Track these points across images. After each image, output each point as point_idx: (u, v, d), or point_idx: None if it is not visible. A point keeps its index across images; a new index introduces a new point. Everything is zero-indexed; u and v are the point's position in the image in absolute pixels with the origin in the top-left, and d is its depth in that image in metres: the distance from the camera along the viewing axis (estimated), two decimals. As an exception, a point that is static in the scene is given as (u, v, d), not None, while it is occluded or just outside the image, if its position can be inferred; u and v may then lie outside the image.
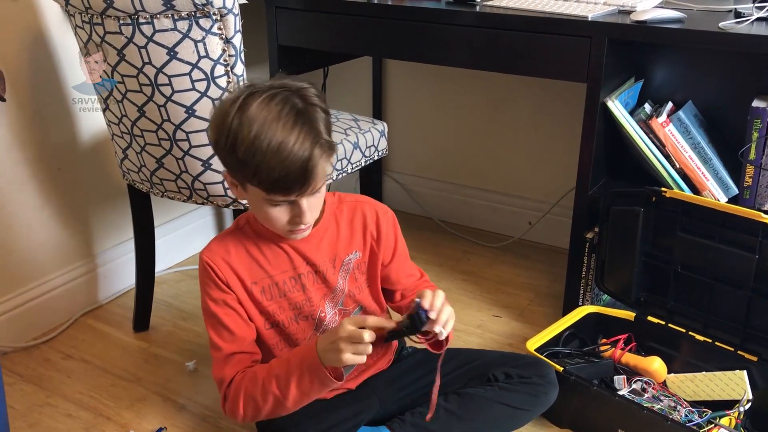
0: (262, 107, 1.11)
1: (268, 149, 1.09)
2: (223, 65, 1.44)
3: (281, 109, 1.11)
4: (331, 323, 1.36)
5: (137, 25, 1.41)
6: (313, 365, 1.18)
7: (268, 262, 1.30)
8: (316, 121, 1.13)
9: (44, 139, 1.80)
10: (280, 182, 1.12)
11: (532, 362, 1.45)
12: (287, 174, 1.11)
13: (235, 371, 1.26)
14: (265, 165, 1.10)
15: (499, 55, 1.71)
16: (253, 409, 1.25)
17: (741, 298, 1.50)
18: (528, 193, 2.34)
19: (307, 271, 1.32)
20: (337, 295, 1.36)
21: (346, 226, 1.35)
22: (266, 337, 1.33)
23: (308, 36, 1.97)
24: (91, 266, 1.98)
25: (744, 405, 1.43)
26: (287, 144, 1.09)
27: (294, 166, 1.10)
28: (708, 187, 1.63)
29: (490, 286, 2.10)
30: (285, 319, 1.33)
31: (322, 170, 1.15)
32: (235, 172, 1.17)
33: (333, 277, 1.34)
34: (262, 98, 1.12)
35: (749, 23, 1.51)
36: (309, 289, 1.33)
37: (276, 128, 1.10)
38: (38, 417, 1.58)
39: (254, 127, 1.09)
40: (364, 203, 1.39)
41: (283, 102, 1.12)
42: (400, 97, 2.47)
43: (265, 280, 1.30)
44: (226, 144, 1.12)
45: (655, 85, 1.81)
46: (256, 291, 1.30)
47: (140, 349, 1.82)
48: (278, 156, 1.09)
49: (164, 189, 1.62)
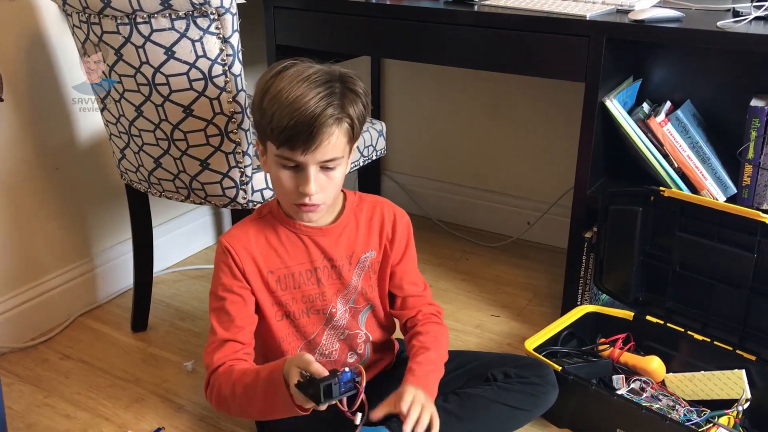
0: (297, 72, 1.19)
1: (285, 101, 1.16)
2: (221, 65, 1.44)
3: (313, 74, 1.18)
4: (341, 319, 1.37)
5: (135, 25, 1.41)
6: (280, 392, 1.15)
7: (287, 253, 1.32)
8: (344, 97, 1.19)
9: (42, 139, 1.80)
10: (287, 131, 1.16)
11: (532, 363, 1.45)
12: (294, 124, 1.15)
13: (222, 359, 1.26)
14: (279, 112, 1.16)
15: (497, 54, 1.71)
16: (225, 407, 1.27)
17: (740, 297, 1.50)
18: (526, 192, 2.34)
19: (323, 265, 1.34)
20: (350, 292, 1.37)
21: (364, 225, 1.37)
22: (276, 329, 1.34)
23: (306, 36, 1.97)
24: (89, 266, 1.98)
25: (743, 404, 1.43)
26: (303, 98, 1.15)
27: (302, 118, 1.15)
28: (706, 187, 1.63)
29: (488, 286, 2.10)
30: (296, 310, 1.34)
31: (331, 134, 1.18)
32: (258, 125, 1.23)
33: (348, 274, 1.35)
34: (303, 66, 1.20)
35: (747, 22, 1.51)
36: (323, 283, 1.34)
37: (300, 87, 1.16)
38: (36, 417, 1.58)
39: (283, 83, 1.17)
40: (383, 204, 1.41)
41: (319, 72, 1.19)
42: (399, 97, 2.47)
43: (281, 270, 1.31)
44: (259, 98, 1.20)
45: (654, 84, 1.81)
46: (272, 280, 1.31)
47: (138, 349, 1.82)
48: (291, 107, 1.15)
49: (162, 189, 1.61)
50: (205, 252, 2.31)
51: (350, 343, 1.41)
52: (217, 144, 1.49)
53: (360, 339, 1.41)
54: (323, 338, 1.38)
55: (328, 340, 1.38)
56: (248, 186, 1.54)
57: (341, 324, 1.38)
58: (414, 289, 1.44)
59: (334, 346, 1.40)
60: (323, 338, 1.38)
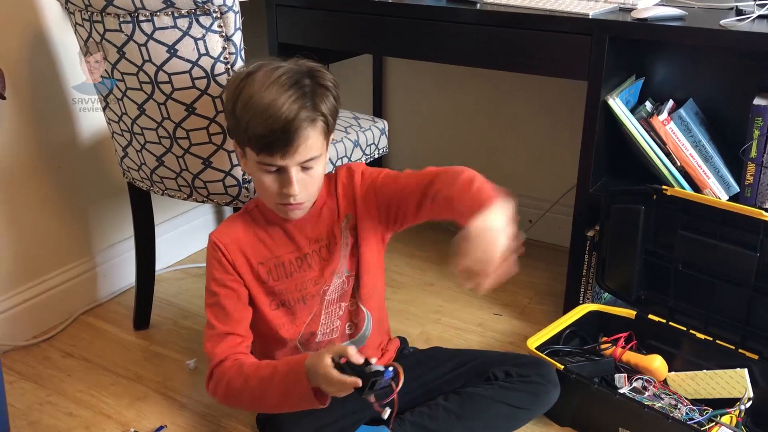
0: (266, 74, 1.20)
1: (258, 107, 1.17)
2: (224, 63, 1.44)
3: (281, 76, 1.20)
4: (334, 292, 1.39)
5: (137, 23, 1.41)
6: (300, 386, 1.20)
7: (274, 243, 1.35)
8: (315, 95, 1.21)
9: (44, 137, 1.80)
10: (265, 138, 1.18)
11: (533, 362, 1.45)
12: (271, 131, 1.17)
13: (225, 354, 1.30)
14: (253, 121, 1.18)
15: (499, 52, 1.70)
16: (234, 400, 1.30)
17: (742, 296, 1.50)
18: (529, 191, 2.34)
19: (312, 249, 1.37)
20: (342, 263, 1.39)
21: (333, 197, 1.39)
22: (271, 318, 1.37)
23: (308, 34, 1.97)
24: (91, 264, 1.98)
25: (745, 403, 1.43)
26: (275, 103, 1.17)
27: (277, 125, 1.17)
28: (709, 185, 1.62)
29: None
30: (291, 299, 1.37)
31: (307, 136, 1.20)
32: (234, 132, 1.26)
33: (336, 248, 1.38)
34: (269, 68, 1.22)
35: (750, 21, 1.51)
36: (315, 268, 1.37)
37: (271, 91, 1.18)
38: (38, 415, 1.58)
39: (253, 88, 1.19)
40: (337, 171, 1.42)
41: (287, 73, 1.21)
42: (401, 95, 2.46)
43: (270, 260, 1.35)
44: (232, 98, 1.22)
45: (656, 82, 1.81)
46: (263, 271, 1.34)
47: (140, 347, 1.82)
48: (265, 113, 1.17)
49: (164, 187, 1.61)
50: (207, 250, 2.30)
51: (348, 314, 1.42)
52: (219, 142, 1.49)
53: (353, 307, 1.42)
54: (322, 318, 1.40)
55: (327, 319, 1.41)
56: (250, 184, 1.54)
57: (334, 298, 1.40)
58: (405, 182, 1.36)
59: (335, 323, 1.41)
60: (322, 318, 1.40)
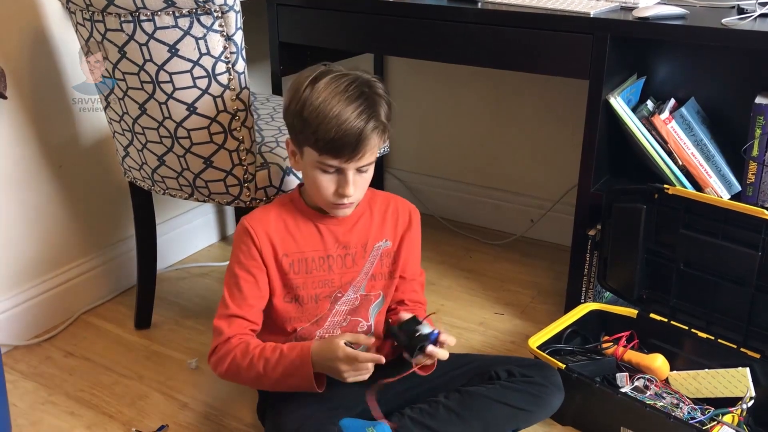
0: (331, 82, 1.26)
1: (330, 113, 1.24)
2: (225, 62, 1.44)
3: (348, 85, 1.26)
4: (345, 305, 1.41)
5: (138, 23, 1.41)
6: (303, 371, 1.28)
7: (303, 239, 1.38)
8: (377, 104, 1.28)
9: (45, 136, 1.80)
10: (334, 143, 1.24)
11: (537, 364, 1.45)
12: (342, 136, 1.24)
13: (233, 332, 1.34)
14: (324, 125, 1.24)
15: (501, 52, 1.70)
16: (234, 376, 1.35)
17: (744, 295, 1.49)
18: (530, 190, 2.34)
19: (337, 254, 1.40)
20: (361, 279, 1.42)
21: (379, 216, 1.44)
22: (282, 310, 1.39)
23: (309, 33, 1.97)
24: (92, 264, 1.98)
25: (747, 402, 1.43)
26: (347, 112, 1.24)
27: (349, 131, 1.24)
28: (711, 184, 1.62)
29: (492, 284, 2.10)
30: (305, 295, 1.39)
31: (373, 144, 1.27)
32: (298, 132, 1.30)
33: (361, 261, 1.41)
34: (333, 75, 1.27)
35: (752, 19, 1.51)
36: (334, 271, 1.40)
37: (340, 99, 1.25)
38: (40, 415, 1.58)
39: (322, 95, 1.25)
40: (398, 198, 1.50)
41: (351, 82, 1.27)
42: (402, 95, 2.46)
43: (295, 254, 1.37)
44: (296, 106, 1.27)
45: (658, 81, 1.81)
46: (285, 263, 1.37)
47: (142, 346, 1.82)
48: (337, 119, 1.23)
49: (166, 186, 1.61)
50: (208, 249, 2.31)
51: (352, 331, 1.43)
52: (220, 142, 1.49)
53: (361, 329, 1.44)
54: (326, 323, 1.42)
55: (330, 326, 1.42)
56: (251, 184, 1.54)
57: (344, 310, 1.42)
58: (411, 274, 1.52)
59: (336, 332, 1.43)
60: (326, 323, 1.42)
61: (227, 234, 2.39)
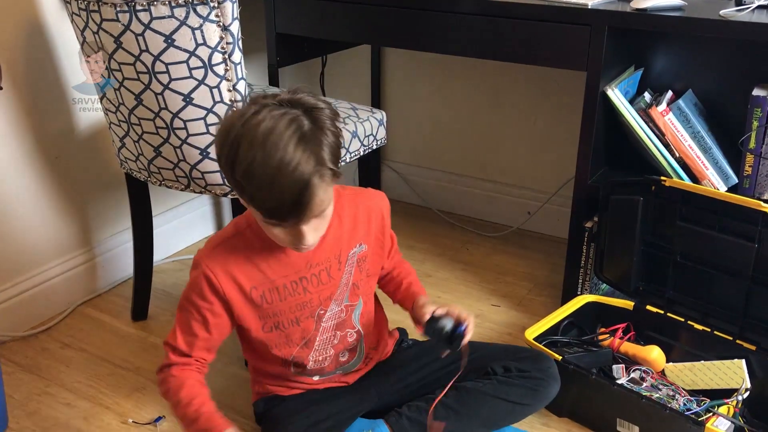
0: (265, 128, 1.06)
1: (263, 178, 1.05)
2: (221, 53, 1.43)
3: (284, 132, 1.05)
4: (331, 320, 1.34)
5: (134, 12, 1.40)
6: None
7: (269, 267, 1.27)
8: (320, 148, 1.08)
9: (42, 127, 1.79)
10: (274, 212, 1.10)
11: (533, 356, 1.44)
12: (280, 206, 1.08)
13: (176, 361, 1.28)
14: (259, 194, 1.08)
15: (498, 43, 1.70)
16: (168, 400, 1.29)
17: (740, 287, 1.50)
18: (527, 182, 2.34)
19: (311, 273, 1.29)
20: (342, 291, 1.34)
21: (349, 221, 1.32)
22: (265, 339, 1.32)
23: (306, 24, 1.96)
24: (89, 255, 1.98)
25: (742, 394, 1.43)
26: (282, 176, 1.05)
27: (286, 200, 1.07)
28: (707, 176, 1.62)
29: (489, 276, 2.10)
30: (285, 320, 1.30)
31: (320, 200, 1.10)
32: (234, 190, 1.14)
33: (338, 274, 1.32)
34: (268, 117, 1.07)
35: (750, 11, 1.50)
36: (311, 291, 1.30)
37: (274, 155, 1.04)
38: (37, 406, 1.58)
39: (254, 150, 1.05)
40: (364, 192, 1.38)
41: (289, 124, 1.07)
42: (399, 86, 2.46)
43: (264, 284, 1.27)
44: (227, 162, 1.10)
45: (655, 73, 1.80)
46: (255, 295, 1.27)
47: (139, 338, 1.82)
48: (272, 187, 1.06)
49: (162, 178, 1.61)
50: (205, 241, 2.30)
51: (343, 343, 1.38)
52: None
53: (351, 338, 1.39)
54: (316, 344, 1.35)
55: (321, 346, 1.36)
56: (248, 175, 1.53)
57: (331, 325, 1.35)
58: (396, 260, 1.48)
59: (329, 352, 1.37)
60: (316, 344, 1.35)
61: (223, 225, 2.38)
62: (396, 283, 1.48)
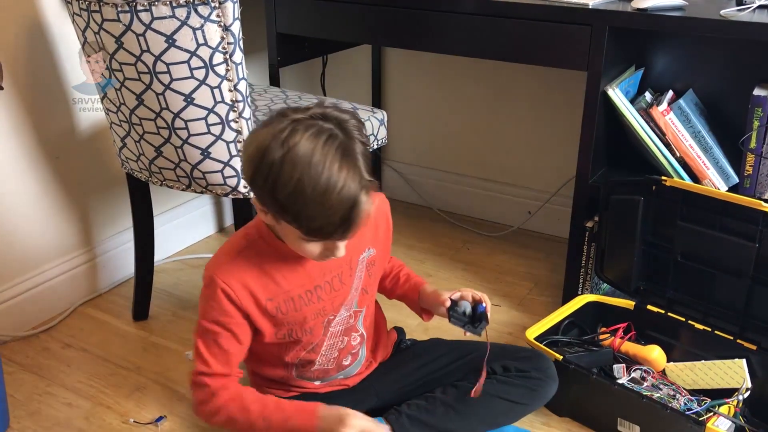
0: (307, 149, 1.04)
1: (312, 198, 1.04)
2: (222, 53, 1.43)
3: (327, 151, 1.04)
4: (339, 325, 1.34)
5: (135, 13, 1.40)
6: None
7: (284, 278, 1.25)
8: (359, 162, 1.07)
9: (42, 127, 1.79)
10: (319, 231, 1.09)
11: (532, 356, 1.45)
12: (327, 224, 1.07)
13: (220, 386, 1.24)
14: (305, 214, 1.06)
15: (499, 43, 1.70)
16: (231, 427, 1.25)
17: (741, 286, 1.50)
18: (528, 182, 2.34)
19: (324, 281, 1.29)
20: (352, 296, 1.34)
21: None
22: (276, 346, 1.31)
23: (307, 24, 1.96)
24: (90, 255, 1.98)
25: (743, 393, 1.43)
26: (330, 196, 1.04)
27: (335, 219, 1.06)
28: (708, 176, 1.62)
29: (489, 276, 2.10)
30: (298, 329, 1.30)
31: (366, 214, 1.10)
32: (273, 211, 1.11)
33: (349, 279, 1.32)
34: (307, 136, 1.05)
35: (751, 11, 1.50)
36: (324, 299, 1.29)
37: (320, 176, 1.03)
38: (38, 406, 1.58)
39: (298, 170, 1.03)
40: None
41: (329, 142, 1.05)
42: (400, 86, 2.46)
43: (280, 296, 1.25)
44: (265, 184, 1.07)
45: (656, 73, 1.80)
46: (271, 307, 1.25)
47: (140, 338, 1.82)
48: (321, 208, 1.05)
49: (163, 178, 1.61)
50: (206, 241, 2.31)
51: (348, 348, 1.39)
52: (218, 133, 1.49)
53: (355, 341, 1.39)
54: (323, 349, 1.35)
55: (328, 351, 1.36)
56: (249, 175, 1.53)
57: (339, 330, 1.35)
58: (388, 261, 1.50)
59: (333, 355, 1.37)
60: (323, 349, 1.35)
61: (225, 225, 2.39)
62: (393, 278, 1.49)
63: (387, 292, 1.50)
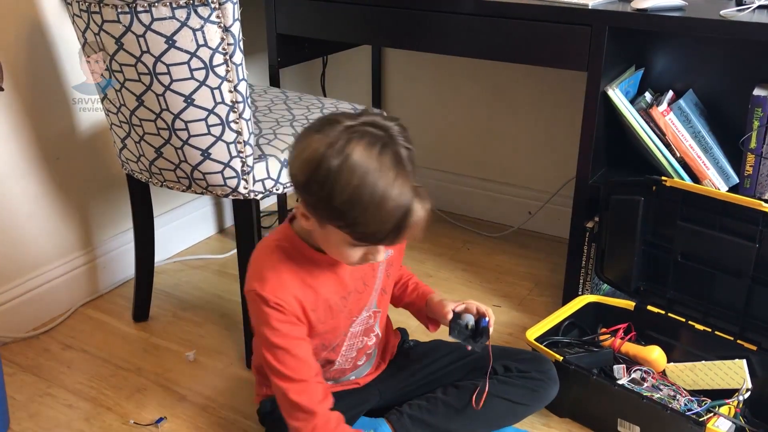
0: (364, 156, 1.07)
1: (369, 205, 1.07)
2: (222, 54, 1.43)
3: (383, 159, 1.09)
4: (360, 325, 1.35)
5: (135, 14, 1.40)
6: None
7: (322, 286, 1.26)
8: (409, 169, 1.13)
9: (43, 128, 1.79)
10: (372, 236, 1.11)
11: (533, 358, 1.45)
12: (381, 230, 1.10)
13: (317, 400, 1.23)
14: (362, 220, 1.08)
15: (499, 43, 1.70)
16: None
17: (741, 287, 1.50)
18: (528, 182, 2.34)
19: (354, 287, 1.31)
20: (373, 298, 1.35)
21: None
22: None
23: (307, 25, 1.96)
24: (90, 256, 1.98)
25: (743, 394, 1.43)
26: (387, 203, 1.07)
27: (389, 225, 1.09)
28: (708, 176, 1.62)
29: (489, 276, 2.10)
30: (330, 335, 1.31)
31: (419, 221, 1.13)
32: (323, 216, 1.13)
33: (372, 281, 1.34)
34: (363, 144, 1.08)
35: (750, 11, 1.50)
36: (351, 302, 1.31)
37: (378, 184, 1.07)
38: (38, 407, 1.58)
39: (356, 177, 1.06)
40: None
41: (384, 150, 1.09)
42: (400, 87, 2.46)
43: (320, 304, 1.26)
44: (321, 190, 1.08)
45: (656, 73, 1.81)
46: (313, 317, 1.25)
47: (140, 339, 1.82)
48: (378, 214, 1.08)
49: (163, 178, 1.61)
50: (206, 242, 2.31)
51: (365, 348, 1.40)
52: (218, 134, 1.49)
53: (372, 342, 1.41)
54: (343, 350, 1.36)
55: (347, 351, 1.37)
56: (249, 176, 1.53)
57: (359, 330, 1.36)
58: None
59: (352, 354, 1.38)
60: (343, 350, 1.36)
61: (225, 226, 2.39)
62: (401, 285, 1.49)
63: (395, 300, 1.50)
